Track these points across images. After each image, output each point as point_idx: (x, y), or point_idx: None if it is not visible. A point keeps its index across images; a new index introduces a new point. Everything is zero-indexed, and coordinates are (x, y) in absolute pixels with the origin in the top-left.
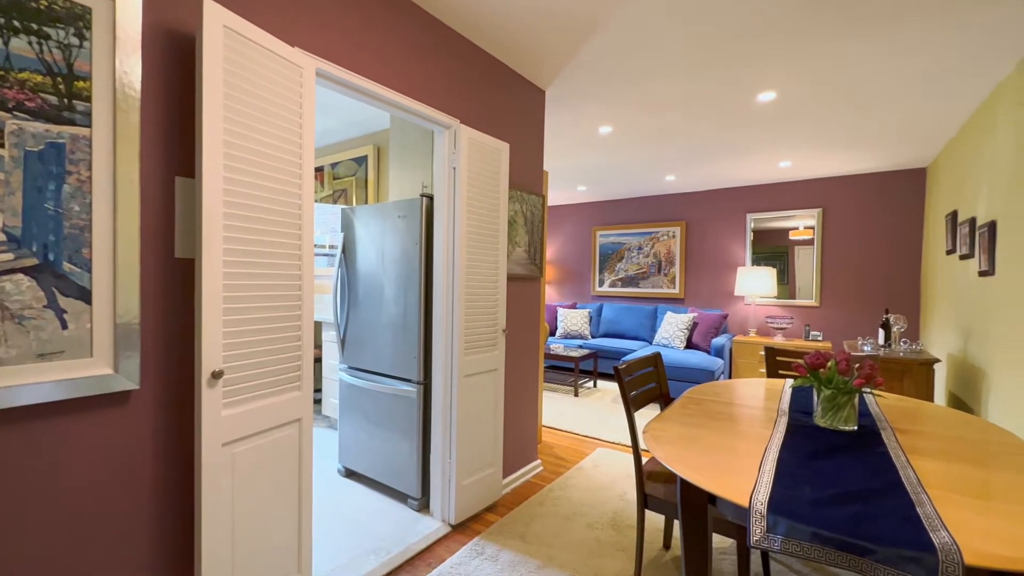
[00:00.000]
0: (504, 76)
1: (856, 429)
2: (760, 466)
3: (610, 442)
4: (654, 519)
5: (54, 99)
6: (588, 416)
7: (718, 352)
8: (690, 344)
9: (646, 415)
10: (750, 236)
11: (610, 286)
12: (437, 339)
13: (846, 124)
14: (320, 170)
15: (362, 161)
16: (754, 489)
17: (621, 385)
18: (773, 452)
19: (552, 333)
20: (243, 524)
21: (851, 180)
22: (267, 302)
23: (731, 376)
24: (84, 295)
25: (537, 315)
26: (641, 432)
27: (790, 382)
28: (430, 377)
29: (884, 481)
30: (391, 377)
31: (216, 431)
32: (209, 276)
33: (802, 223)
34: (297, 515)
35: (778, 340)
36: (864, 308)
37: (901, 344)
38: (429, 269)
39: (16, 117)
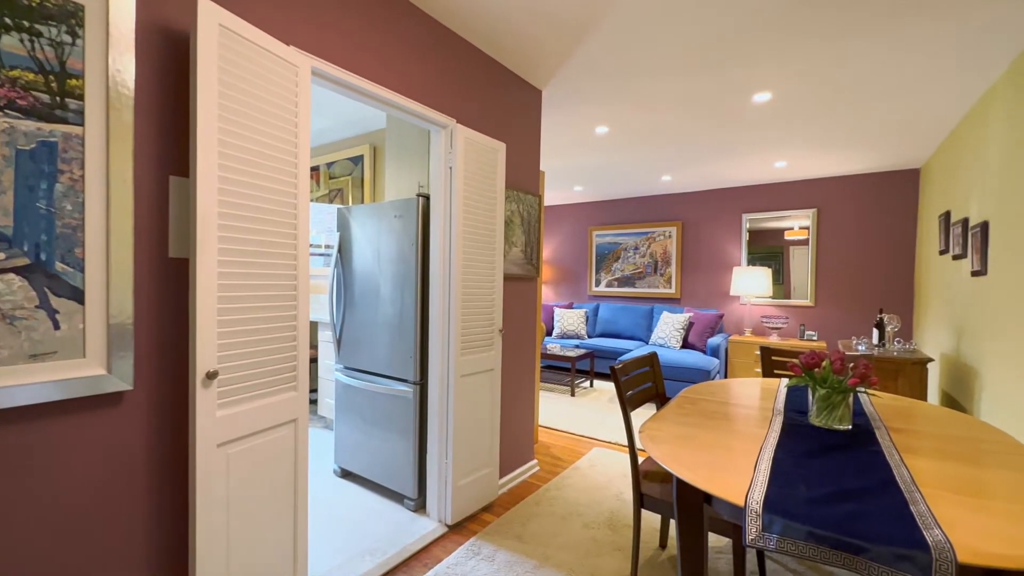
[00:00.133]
0: (501, 76)
1: (851, 428)
2: (755, 465)
3: (606, 442)
4: (650, 518)
5: (46, 97)
6: (585, 416)
7: (714, 352)
8: (686, 344)
9: (642, 415)
10: (746, 236)
11: (606, 286)
12: (433, 339)
13: (841, 125)
14: (316, 169)
15: (358, 160)
16: (750, 488)
17: (617, 385)
18: (768, 451)
19: (549, 333)
20: (238, 525)
21: (846, 181)
22: (262, 302)
23: (727, 376)
24: (77, 295)
25: (534, 315)
26: (637, 432)
27: (785, 381)
28: (426, 377)
29: (878, 480)
30: (387, 377)
31: (211, 432)
32: (203, 276)
33: (797, 223)
34: (293, 516)
35: (773, 340)
36: (858, 308)
37: (895, 344)
38: (425, 269)
39: (7, 115)
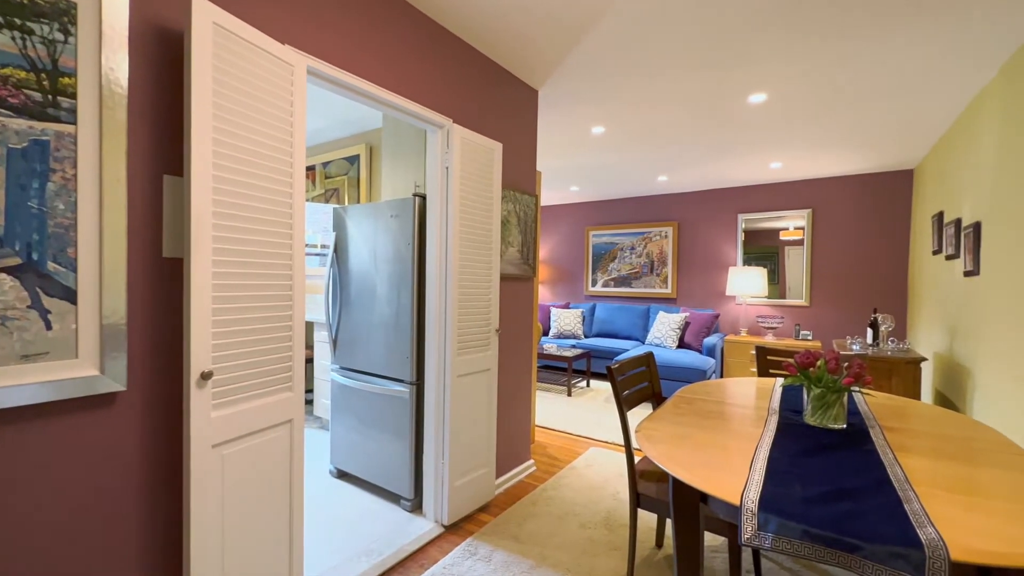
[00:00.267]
0: (497, 76)
1: (845, 427)
2: (751, 464)
3: (603, 441)
4: (647, 518)
5: (38, 95)
6: (581, 416)
7: (710, 351)
8: (682, 344)
9: (639, 414)
10: (741, 236)
11: (603, 286)
12: (430, 339)
13: (835, 125)
14: (312, 169)
15: (354, 160)
16: (745, 487)
17: (614, 384)
18: (764, 451)
19: (545, 333)
20: (233, 526)
21: (840, 181)
22: (257, 302)
23: (722, 375)
24: (69, 295)
25: (530, 315)
26: (634, 431)
27: (780, 381)
28: (423, 377)
29: (872, 478)
30: (383, 377)
31: (205, 432)
32: (198, 276)
33: (792, 223)
34: (288, 517)
35: (769, 339)
36: (853, 308)
37: (889, 343)
38: (422, 269)
39: None
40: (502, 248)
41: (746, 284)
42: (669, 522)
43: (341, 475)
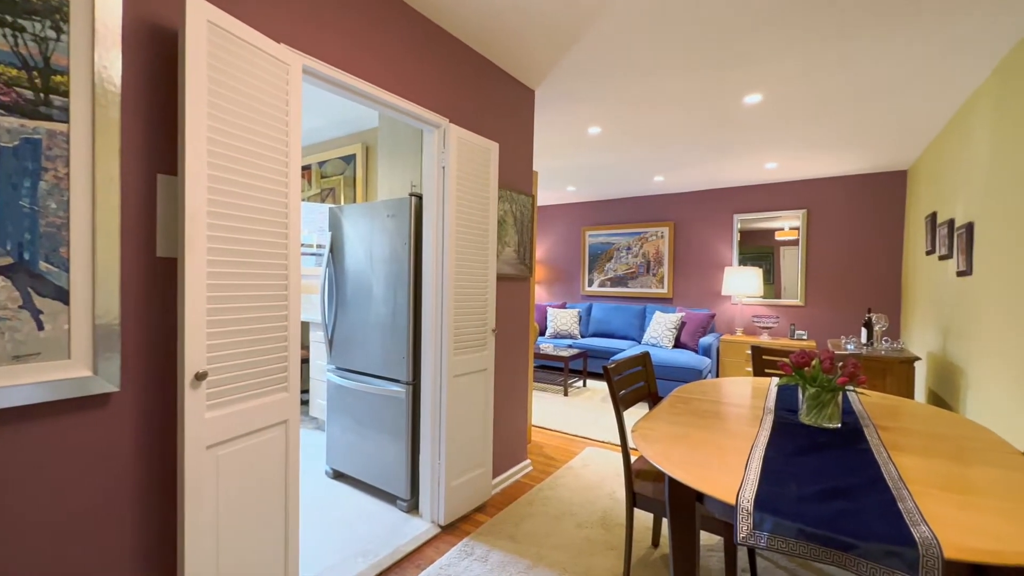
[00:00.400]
0: (494, 76)
1: (840, 426)
2: (747, 464)
3: (599, 441)
4: (643, 517)
5: (30, 93)
6: (578, 415)
7: (706, 351)
8: (678, 343)
9: (635, 414)
10: (737, 236)
11: (599, 286)
12: (426, 339)
13: (830, 126)
14: (308, 168)
15: (350, 160)
16: (741, 487)
17: (610, 384)
18: (759, 450)
19: (542, 333)
20: (228, 527)
21: (835, 182)
22: (253, 302)
23: (718, 375)
24: (61, 295)
25: (527, 315)
26: (630, 431)
27: (776, 380)
28: (419, 378)
29: (867, 477)
30: (379, 378)
31: (200, 433)
32: (192, 275)
33: (787, 224)
34: (284, 518)
35: (764, 339)
36: (847, 307)
37: (883, 343)
38: (418, 269)
39: None
40: (498, 248)
41: (742, 284)
42: (665, 521)
43: (337, 476)
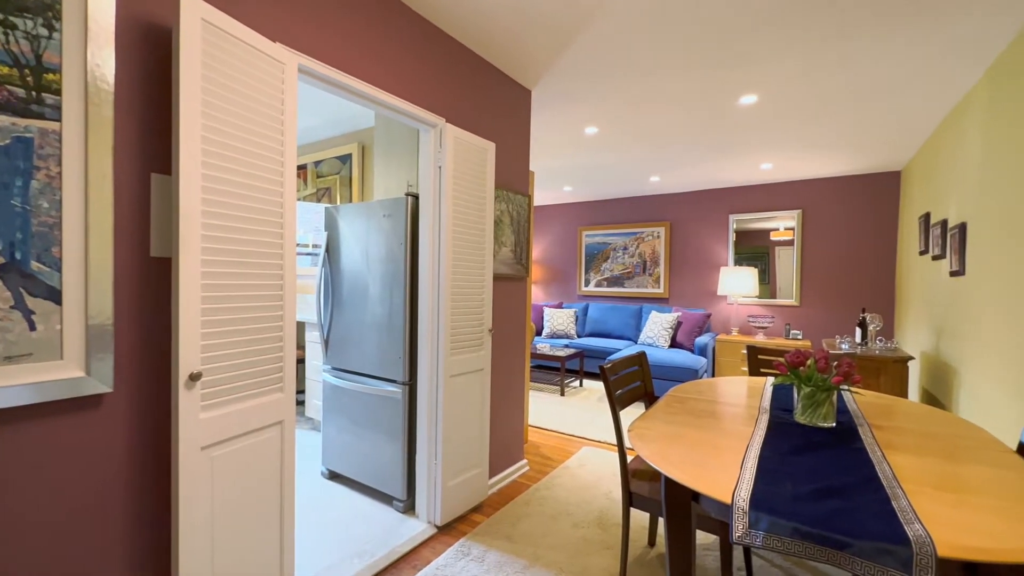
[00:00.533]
0: (490, 76)
1: (835, 426)
2: (742, 463)
3: (596, 441)
4: (639, 517)
5: (21, 91)
6: (574, 415)
7: (701, 351)
8: (674, 343)
9: (631, 413)
10: (732, 237)
11: (596, 286)
12: (423, 339)
13: (824, 127)
14: (303, 168)
15: (346, 159)
16: (736, 486)
17: (606, 384)
18: (755, 449)
19: (538, 333)
20: (223, 528)
21: (829, 182)
22: (248, 302)
23: (714, 374)
24: (54, 295)
25: (523, 315)
26: (626, 430)
27: (771, 380)
28: (415, 378)
29: (861, 476)
30: (376, 378)
31: (194, 434)
32: (186, 275)
33: (783, 224)
34: (279, 519)
35: (760, 339)
36: (842, 307)
37: (877, 342)
38: (414, 268)
39: None
40: (495, 248)
41: (737, 284)
42: (661, 521)
43: (333, 476)
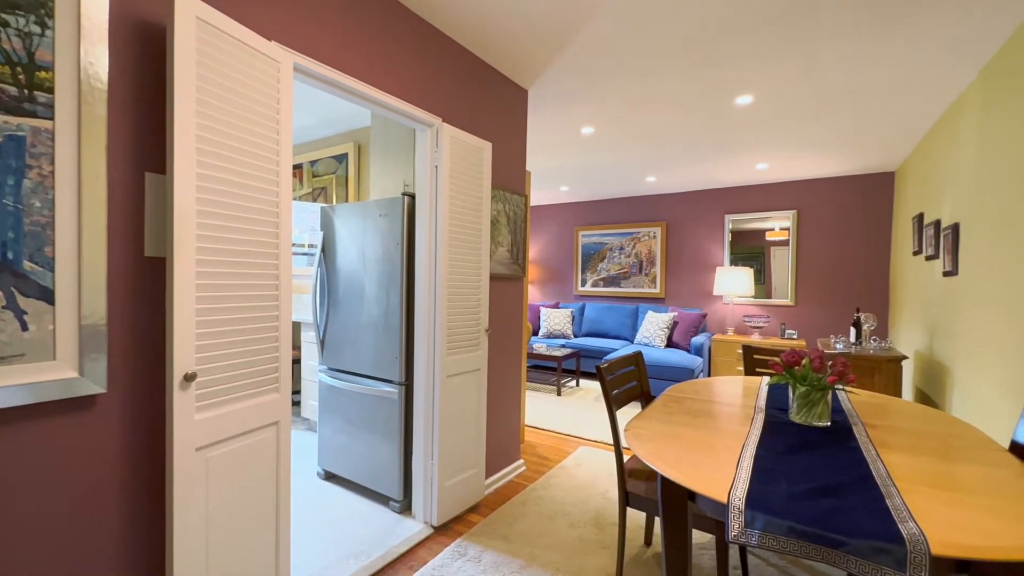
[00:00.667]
0: (487, 75)
1: (829, 425)
2: (738, 462)
3: (592, 441)
4: (635, 516)
5: (13, 90)
6: (571, 415)
7: (697, 351)
8: (670, 343)
9: (628, 413)
10: (728, 237)
11: (592, 286)
12: (419, 339)
13: (820, 128)
14: (299, 167)
15: (342, 159)
16: (732, 485)
17: (603, 384)
18: (750, 448)
19: (535, 333)
20: (218, 530)
21: (824, 183)
22: (243, 302)
23: (710, 374)
24: (46, 295)
25: (520, 315)
26: (623, 430)
27: (767, 380)
28: (412, 378)
29: (856, 475)
30: (372, 378)
31: (189, 435)
32: (181, 275)
33: (778, 224)
34: (275, 520)
35: (755, 339)
36: (837, 307)
37: (871, 342)
38: (411, 268)
39: None
40: (492, 248)
41: (733, 284)
42: (658, 520)
43: (329, 477)
